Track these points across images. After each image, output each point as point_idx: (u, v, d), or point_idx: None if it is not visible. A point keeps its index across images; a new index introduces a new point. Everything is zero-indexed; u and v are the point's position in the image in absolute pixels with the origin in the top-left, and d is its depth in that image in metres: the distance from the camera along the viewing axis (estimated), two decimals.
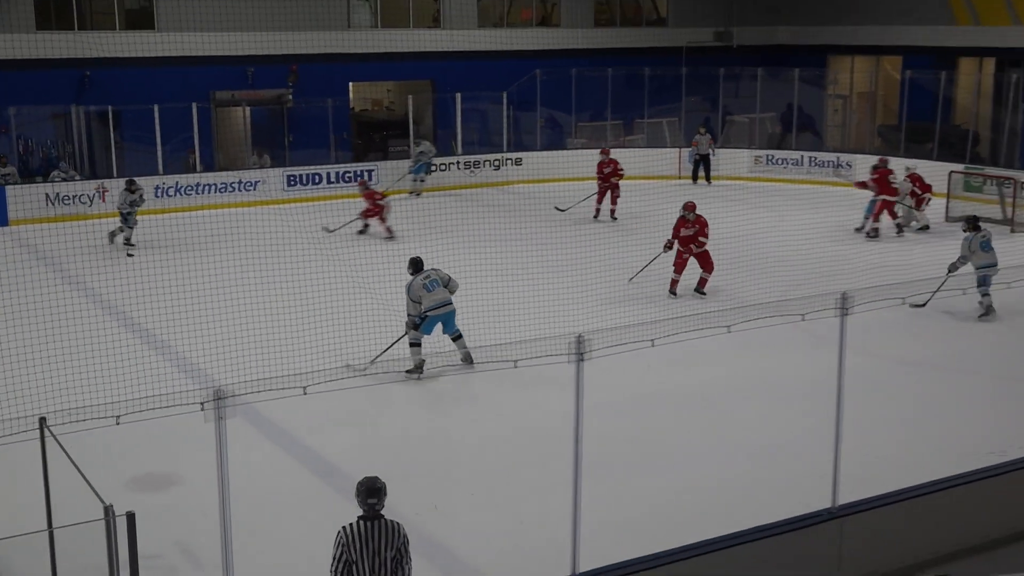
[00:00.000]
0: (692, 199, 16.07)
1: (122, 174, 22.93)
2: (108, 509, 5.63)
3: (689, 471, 9.87)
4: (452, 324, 12.54)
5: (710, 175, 26.35)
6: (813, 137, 29.66)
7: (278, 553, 8.31)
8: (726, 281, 15.84)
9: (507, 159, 26.77)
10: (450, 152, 26.95)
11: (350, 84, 28.14)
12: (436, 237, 19.17)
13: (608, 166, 21.38)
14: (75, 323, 13.12)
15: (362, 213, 20.58)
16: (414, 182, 24.79)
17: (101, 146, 24.09)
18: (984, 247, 14.59)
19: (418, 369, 12.31)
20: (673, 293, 15.69)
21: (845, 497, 8.09)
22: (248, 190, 23.70)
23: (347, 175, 24.81)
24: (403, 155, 26.40)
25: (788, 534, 7.89)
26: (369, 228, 20.54)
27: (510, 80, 27.58)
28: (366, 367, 11.94)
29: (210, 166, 24.71)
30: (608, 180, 21.34)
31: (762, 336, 11.51)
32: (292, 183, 24.08)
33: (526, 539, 8.56)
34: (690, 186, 26.13)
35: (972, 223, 14.95)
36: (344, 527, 6.10)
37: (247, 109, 26.28)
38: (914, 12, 27.95)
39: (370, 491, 6.12)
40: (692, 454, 10.31)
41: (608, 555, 7.43)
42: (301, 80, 26.13)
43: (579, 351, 6.86)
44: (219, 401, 5.99)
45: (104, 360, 11.89)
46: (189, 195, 22.62)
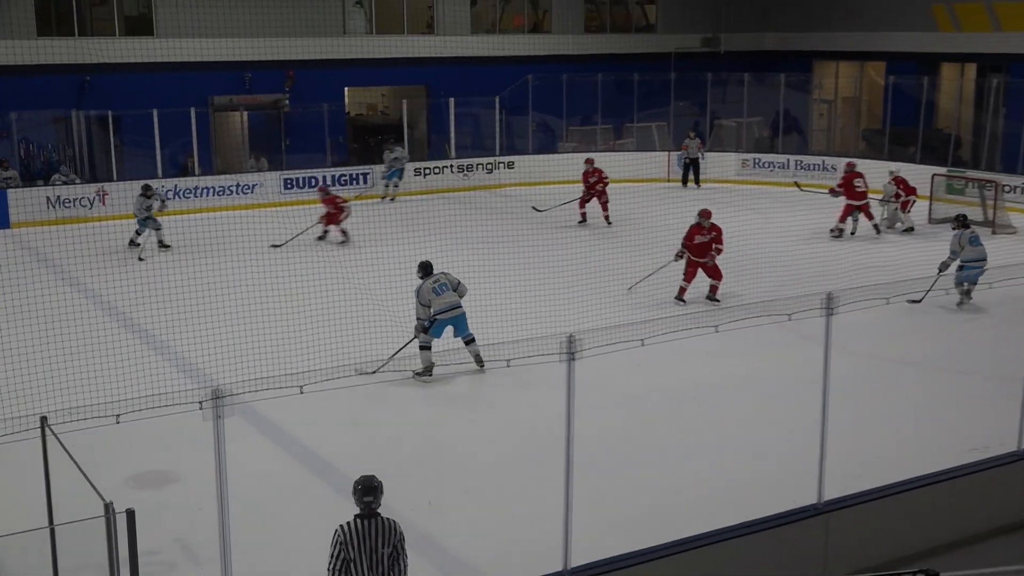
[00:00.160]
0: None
1: (122, 178, 23.10)
2: (108, 506, 5.66)
3: (678, 468, 9.91)
4: (464, 327, 12.52)
5: (699, 178, 26.52)
6: (799, 141, 29.80)
7: (275, 549, 8.34)
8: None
9: (500, 163, 26.84)
10: (444, 156, 27.04)
11: (345, 89, 28.20)
12: (430, 239, 19.24)
13: (593, 175, 21.45)
14: (76, 324, 13.16)
15: (321, 218, 20.13)
16: (386, 187, 24.81)
17: (101, 150, 24.13)
18: (973, 242, 15.17)
19: (427, 372, 12.29)
20: (682, 300, 15.40)
21: (831, 493, 8.15)
22: (246, 193, 23.77)
23: (343, 178, 24.91)
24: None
25: (775, 529, 7.93)
26: (328, 234, 20.15)
27: (503, 85, 27.67)
28: (376, 370, 11.90)
29: (208, 170, 24.75)
30: (594, 188, 21.47)
31: (749, 336, 11.72)
32: (289, 186, 24.19)
33: (518, 535, 8.59)
34: (680, 189, 26.26)
35: (961, 221, 15.58)
36: (341, 525, 6.13)
37: (244, 114, 26.36)
38: (897, 19, 28.15)
39: (366, 489, 6.16)
40: (681, 452, 10.35)
41: (599, 550, 7.48)
42: (297, 85, 26.22)
43: (570, 351, 6.89)
44: (217, 400, 6.03)
45: (104, 360, 11.88)
46: (188, 198, 22.67)
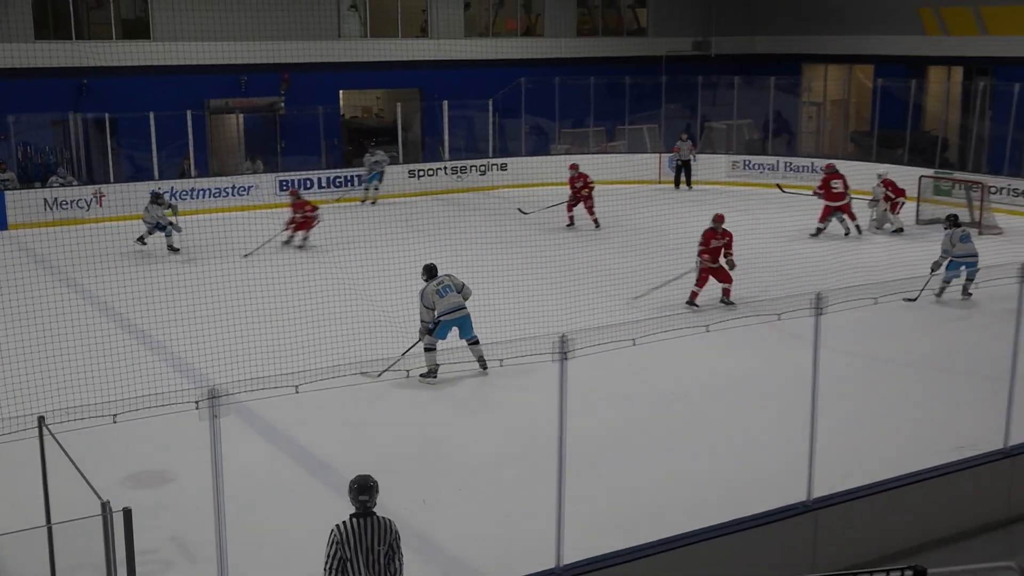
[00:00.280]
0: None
1: (119, 180, 23.20)
2: (105, 505, 5.68)
3: (669, 466, 9.98)
4: (468, 329, 12.47)
5: (691, 180, 26.69)
6: (790, 142, 29.98)
7: (272, 548, 8.36)
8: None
9: (493, 164, 26.97)
10: (437, 158, 27.15)
11: (340, 92, 28.26)
12: (424, 240, 19.38)
13: (579, 180, 21.62)
14: (73, 324, 13.17)
15: (289, 223, 19.77)
16: (366, 191, 24.83)
17: (98, 152, 24.20)
18: (964, 239, 15.71)
19: (432, 373, 12.29)
20: (696, 305, 15.28)
21: (820, 491, 8.21)
22: (241, 195, 23.85)
23: (337, 180, 25.01)
24: (392, 160, 26.62)
25: (766, 527, 7.99)
26: (293, 240, 19.85)
27: (496, 88, 27.80)
28: (381, 373, 11.94)
29: (204, 172, 24.82)
30: (580, 193, 21.63)
31: (740, 335, 11.85)
32: (284, 188, 24.23)
33: (512, 533, 8.63)
34: (672, 191, 26.42)
35: (952, 220, 16.13)
36: (337, 525, 6.17)
37: (240, 116, 26.47)
38: (885, 22, 28.34)
39: (362, 488, 6.22)
40: (672, 450, 10.41)
41: (591, 548, 7.53)
42: (293, 88, 26.27)
43: (563, 350, 6.96)
44: (213, 400, 6.07)
45: (101, 360, 11.90)
46: (184, 200, 22.72)
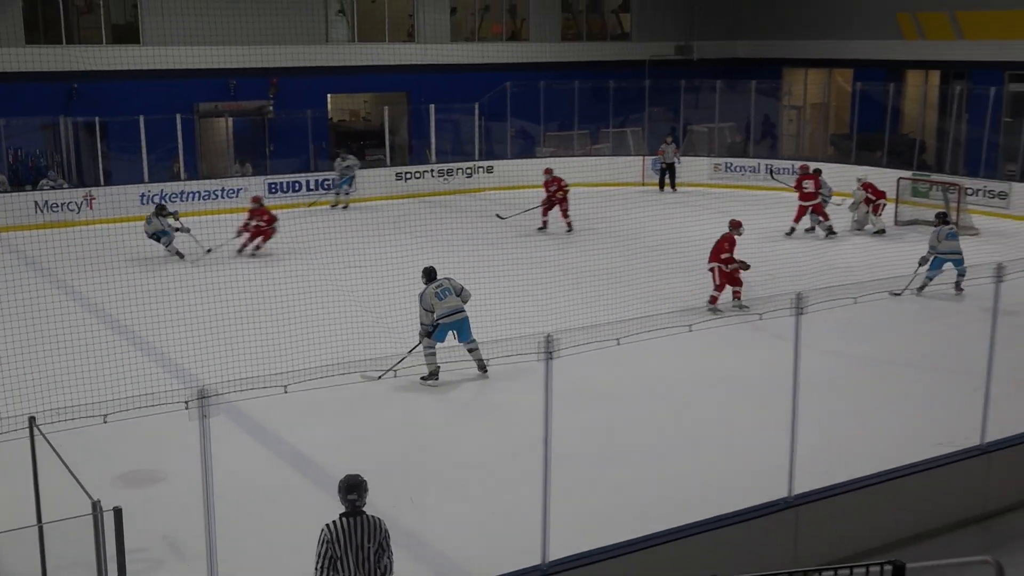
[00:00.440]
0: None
1: (109, 183, 23.26)
2: (96, 504, 5.72)
3: (653, 464, 10.08)
4: (467, 333, 12.39)
5: (675, 182, 26.88)
6: (772, 144, 30.21)
7: (260, 545, 8.42)
8: (688, 283, 15.87)
9: (479, 167, 27.11)
10: (424, 161, 27.25)
11: (328, 96, 28.32)
12: (411, 241, 19.46)
13: (553, 184, 21.76)
14: (63, 325, 13.23)
15: (244, 228, 19.53)
16: (337, 195, 24.84)
17: (88, 156, 24.16)
18: (950, 237, 16.37)
19: (433, 376, 12.30)
20: (717, 309, 15.21)
21: (801, 487, 8.30)
22: (231, 197, 23.85)
23: (326, 182, 25.08)
24: (379, 163, 26.70)
25: (747, 523, 8.07)
26: (247, 249, 19.55)
27: (482, 92, 27.91)
28: (381, 376, 11.95)
29: (194, 174, 24.87)
30: (554, 196, 21.76)
31: (722, 335, 11.99)
32: (273, 190, 24.34)
33: (498, 530, 8.71)
34: (656, 193, 26.59)
35: (942, 218, 16.90)
36: (327, 525, 6.22)
37: (229, 120, 26.50)
38: (864, 27, 28.67)
39: (351, 488, 6.28)
40: (656, 447, 10.51)
41: (576, 544, 7.59)
42: (281, 92, 26.31)
43: (548, 350, 7.04)
44: (203, 400, 6.11)
45: (91, 361, 11.92)
46: (174, 202, 22.68)
